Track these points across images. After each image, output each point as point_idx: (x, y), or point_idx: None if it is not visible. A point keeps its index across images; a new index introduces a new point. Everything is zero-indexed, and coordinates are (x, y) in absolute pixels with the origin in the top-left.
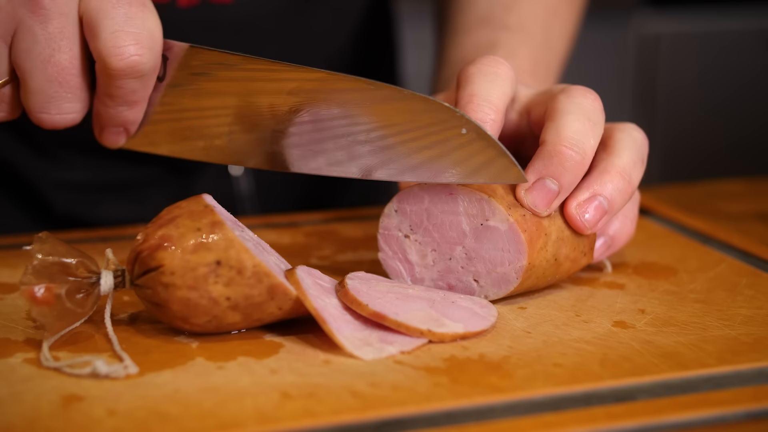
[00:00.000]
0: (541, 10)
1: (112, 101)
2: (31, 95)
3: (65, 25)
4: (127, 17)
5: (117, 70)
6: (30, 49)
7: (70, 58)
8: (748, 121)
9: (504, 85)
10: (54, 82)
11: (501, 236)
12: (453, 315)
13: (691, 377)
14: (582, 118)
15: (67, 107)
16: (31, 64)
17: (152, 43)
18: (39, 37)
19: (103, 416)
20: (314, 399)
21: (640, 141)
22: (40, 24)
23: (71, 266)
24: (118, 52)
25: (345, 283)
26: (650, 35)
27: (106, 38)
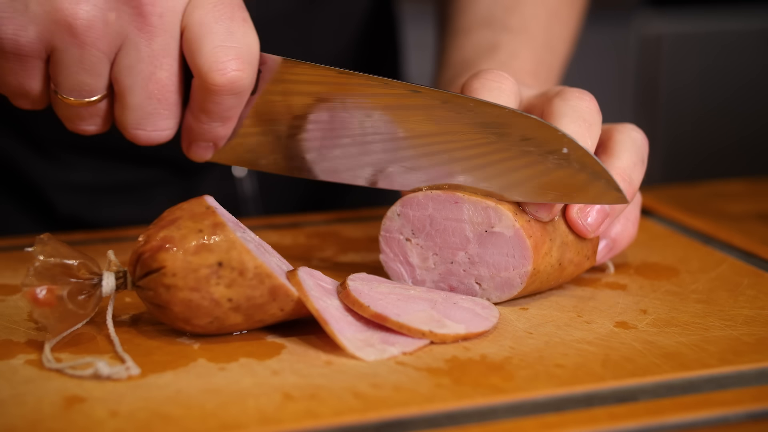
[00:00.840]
0: (543, 11)
1: (207, 117)
2: (129, 111)
3: (169, 42)
4: (229, 32)
5: (217, 86)
6: (133, 66)
7: (170, 75)
8: (749, 122)
9: (508, 101)
10: (153, 99)
11: (506, 242)
12: (454, 316)
13: (693, 378)
14: (577, 120)
15: (162, 124)
16: (132, 81)
17: (252, 58)
18: (143, 54)
19: (105, 417)
20: (316, 400)
21: (640, 141)
22: (146, 41)
23: (73, 268)
24: (219, 68)
25: (346, 284)
26: (651, 36)
27: (207, 53)
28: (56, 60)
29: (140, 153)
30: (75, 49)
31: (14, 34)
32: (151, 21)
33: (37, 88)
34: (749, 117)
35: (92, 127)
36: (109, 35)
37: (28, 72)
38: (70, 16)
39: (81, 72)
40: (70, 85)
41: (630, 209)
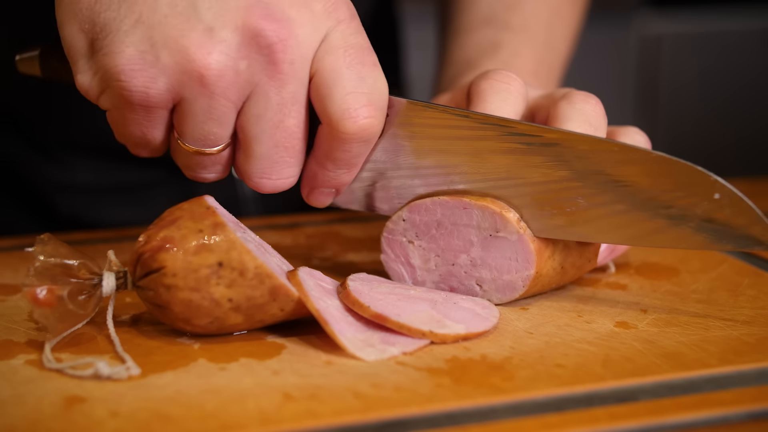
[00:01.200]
0: (544, 10)
1: (333, 165)
2: (254, 160)
3: (298, 89)
4: (360, 78)
5: (348, 135)
6: (261, 114)
7: (297, 123)
8: (749, 122)
9: (516, 102)
10: (280, 148)
11: (510, 246)
12: (455, 316)
13: (693, 378)
14: (583, 123)
15: (287, 172)
16: (259, 130)
17: (382, 103)
18: (272, 102)
19: (105, 418)
20: (316, 400)
21: (642, 144)
22: (276, 89)
23: (73, 268)
24: (352, 115)
25: (347, 284)
26: (652, 36)
27: (340, 100)
28: (183, 110)
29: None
30: (204, 100)
31: (144, 87)
32: (282, 69)
33: (160, 137)
34: (749, 117)
35: (212, 175)
36: (240, 84)
37: (153, 122)
38: (203, 67)
39: (208, 122)
40: (196, 135)
41: None
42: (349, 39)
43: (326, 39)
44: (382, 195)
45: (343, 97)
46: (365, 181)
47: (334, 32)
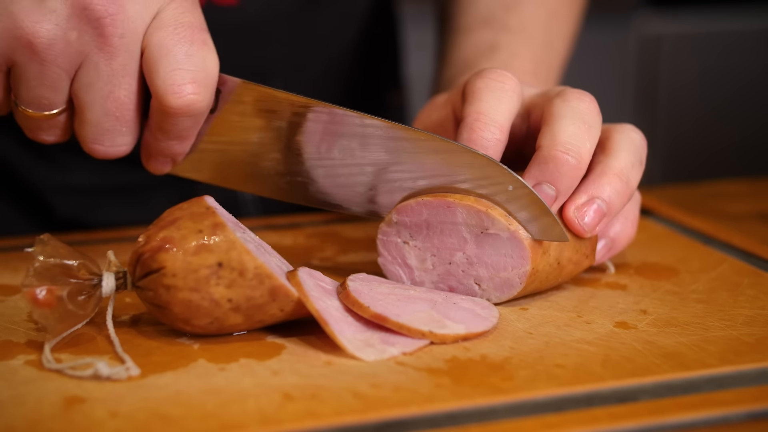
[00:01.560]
0: (542, 10)
1: (164, 135)
2: (87, 126)
3: (128, 62)
4: (187, 55)
5: (173, 108)
6: (92, 83)
7: (128, 94)
8: (749, 122)
9: (511, 101)
10: (111, 116)
11: (503, 243)
12: (454, 316)
13: (693, 378)
14: (577, 121)
15: (120, 140)
16: (90, 98)
17: (209, 81)
18: (102, 72)
19: (104, 418)
20: (316, 400)
21: (638, 142)
22: (106, 60)
23: (73, 268)
24: (176, 90)
25: (346, 284)
26: (651, 36)
27: (165, 76)
28: (16, 74)
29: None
30: (35, 66)
31: None
32: (111, 42)
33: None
34: (749, 117)
35: (51, 138)
36: (70, 53)
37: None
38: (31, 34)
39: (41, 87)
40: (30, 99)
41: (629, 209)
42: (180, 17)
43: (158, 15)
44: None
45: (169, 72)
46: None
47: (166, 9)
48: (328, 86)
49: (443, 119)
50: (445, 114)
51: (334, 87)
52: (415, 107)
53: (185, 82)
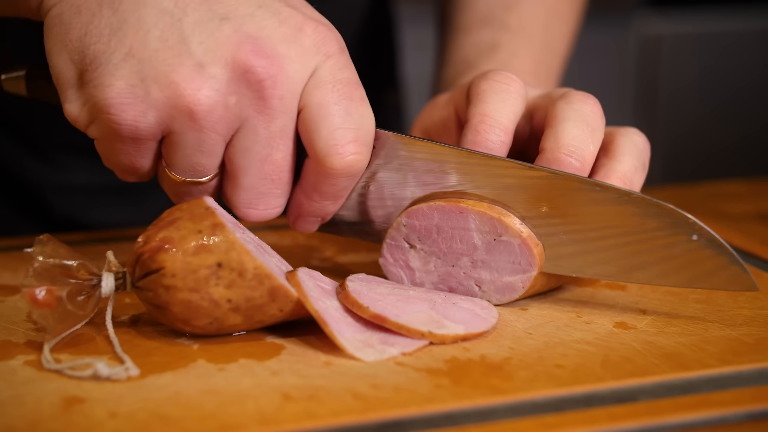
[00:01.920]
0: (542, 10)
1: (320, 196)
2: (241, 191)
3: (287, 123)
4: (348, 114)
5: (335, 170)
6: (249, 148)
7: (285, 156)
8: (749, 122)
9: (515, 103)
10: (267, 180)
11: (513, 250)
12: (454, 316)
13: (693, 378)
14: (581, 124)
15: (273, 203)
16: (247, 163)
17: (369, 139)
18: (261, 136)
19: (104, 418)
20: (315, 401)
21: (642, 145)
22: (265, 123)
23: (72, 268)
24: (339, 151)
25: (346, 285)
26: (651, 36)
27: (327, 136)
28: (172, 142)
29: None
30: (194, 133)
31: (134, 120)
32: (272, 104)
33: (148, 166)
34: (749, 117)
35: None
36: (229, 119)
37: (141, 153)
38: (192, 102)
39: (197, 154)
40: (185, 166)
41: None
42: (337, 74)
43: (315, 73)
44: (379, 223)
45: (331, 132)
46: (354, 210)
47: (323, 67)
48: None
49: (445, 119)
50: (447, 114)
51: None
52: (412, 107)
53: (347, 142)
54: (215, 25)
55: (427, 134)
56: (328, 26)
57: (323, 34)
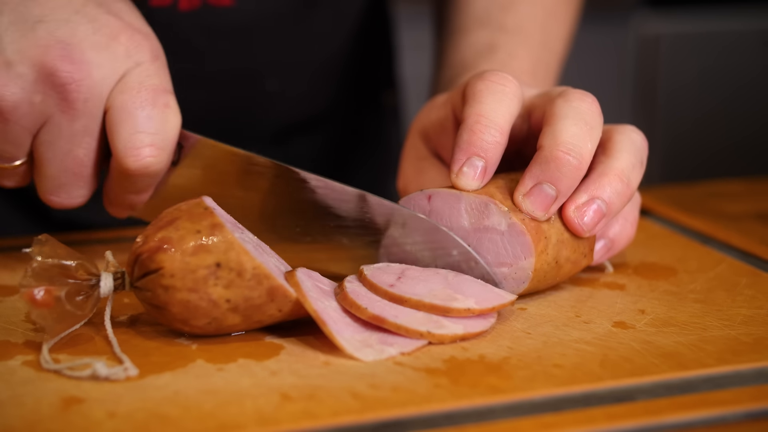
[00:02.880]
0: (539, 10)
1: (122, 190)
2: (44, 180)
3: (90, 123)
4: (148, 118)
5: (131, 170)
6: (53, 142)
7: (87, 153)
8: (747, 122)
9: (511, 103)
10: (69, 173)
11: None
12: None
13: (691, 377)
14: (579, 122)
15: (76, 193)
16: (50, 155)
17: (167, 143)
18: (64, 133)
19: (103, 418)
20: (314, 400)
21: (639, 143)
22: (68, 122)
23: (71, 269)
24: (134, 153)
25: (344, 286)
26: (650, 36)
27: (125, 139)
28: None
29: None
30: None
31: None
32: (75, 106)
33: None
34: (748, 117)
35: (11, 183)
36: (33, 114)
37: None
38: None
39: (4, 143)
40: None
41: (628, 210)
42: (144, 80)
43: (123, 78)
44: None
45: (129, 136)
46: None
47: (132, 73)
48: (322, 86)
49: (443, 119)
50: (444, 114)
51: (329, 87)
52: (410, 107)
53: (144, 145)
54: (29, 27)
55: (425, 134)
56: (146, 34)
57: (137, 42)
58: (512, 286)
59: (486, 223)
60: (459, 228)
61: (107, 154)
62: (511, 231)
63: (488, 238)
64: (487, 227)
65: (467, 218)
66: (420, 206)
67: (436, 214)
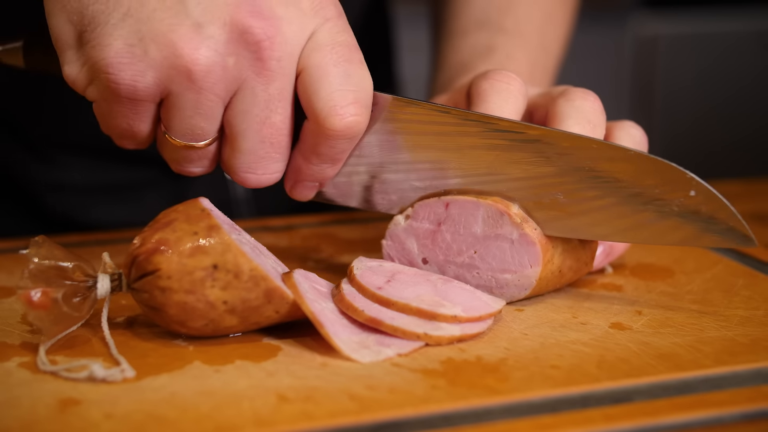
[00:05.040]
0: (537, 13)
1: (318, 159)
2: (240, 155)
3: (285, 86)
4: (347, 75)
5: (335, 131)
6: (248, 110)
7: (283, 119)
8: (745, 123)
9: (517, 102)
10: (266, 143)
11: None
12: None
13: (688, 378)
14: (582, 121)
15: (272, 167)
16: (246, 126)
17: (368, 101)
18: (259, 98)
19: (100, 420)
20: (311, 402)
21: (639, 138)
22: (263, 85)
23: (68, 270)
24: (338, 112)
25: (341, 287)
26: (647, 37)
27: (326, 97)
28: (171, 104)
29: (132, 153)
30: (192, 94)
31: (132, 80)
32: (269, 66)
33: (146, 130)
34: (745, 118)
35: (199, 169)
36: (227, 80)
37: (140, 115)
38: (190, 62)
39: (195, 116)
40: (183, 129)
41: None
42: (336, 36)
43: (313, 36)
44: (378, 190)
45: (330, 94)
46: (360, 176)
47: (321, 30)
48: None
49: None
50: None
51: None
52: None
53: (347, 103)
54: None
55: None
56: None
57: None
58: (513, 292)
59: (498, 232)
60: (470, 234)
61: (297, 123)
62: (521, 241)
63: (497, 246)
64: (498, 235)
65: (482, 225)
66: (437, 213)
67: (451, 221)
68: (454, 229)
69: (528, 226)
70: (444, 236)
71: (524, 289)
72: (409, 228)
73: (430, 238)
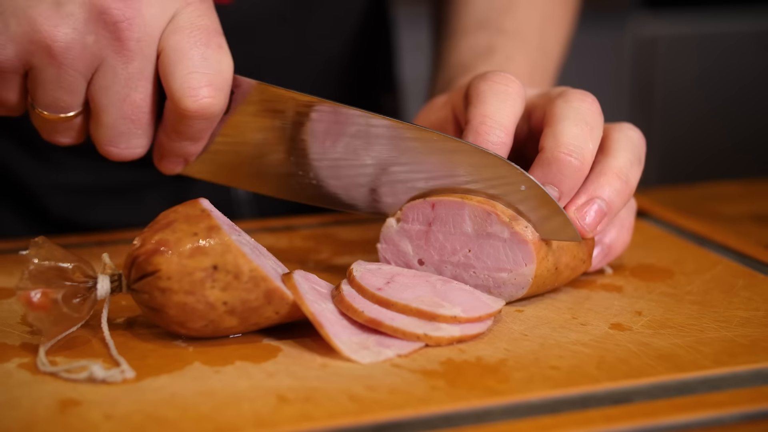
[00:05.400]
0: (537, 14)
1: (178, 136)
2: (102, 129)
3: (145, 65)
4: (203, 58)
5: (189, 111)
6: (108, 87)
7: (144, 97)
8: (745, 124)
9: (515, 104)
10: (127, 120)
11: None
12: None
13: (688, 379)
14: (580, 122)
15: (135, 142)
16: (107, 101)
17: (224, 84)
18: (119, 76)
19: (100, 421)
20: (311, 403)
21: (637, 140)
22: (122, 64)
23: (68, 271)
24: (192, 93)
25: (341, 288)
26: (647, 38)
27: (181, 79)
28: (34, 77)
29: None
30: (52, 69)
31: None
32: (128, 45)
33: (15, 99)
34: (745, 119)
35: (67, 140)
36: (87, 57)
37: (6, 85)
38: (49, 38)
39: (58, 90)
40: (47, 101)
41: (625, 215)
42: (196, 20)
43: (174, 18)
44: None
45: (185, 75)
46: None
47: (183, 13)
48: (322, 87)
49: (442, 121)
50: (444, 115)
51: (329, 88)
52: (410, 109)
53: (201, 85)
54: None
55: None
56: None
57: None
58: (511, 291)
59: (489, 230)
60: (462, 234)
61: (161, 101)
62: (513, 239)
63: (490, 244)
64: (490, 234)
65: (471, 225)
66: (424, 214)
67: (440, 221)
68: (445, 229)
69: (518, 224)
70: (436, 236)
71: (521, 287)
72: (402, 230)
73: (424, 239)
